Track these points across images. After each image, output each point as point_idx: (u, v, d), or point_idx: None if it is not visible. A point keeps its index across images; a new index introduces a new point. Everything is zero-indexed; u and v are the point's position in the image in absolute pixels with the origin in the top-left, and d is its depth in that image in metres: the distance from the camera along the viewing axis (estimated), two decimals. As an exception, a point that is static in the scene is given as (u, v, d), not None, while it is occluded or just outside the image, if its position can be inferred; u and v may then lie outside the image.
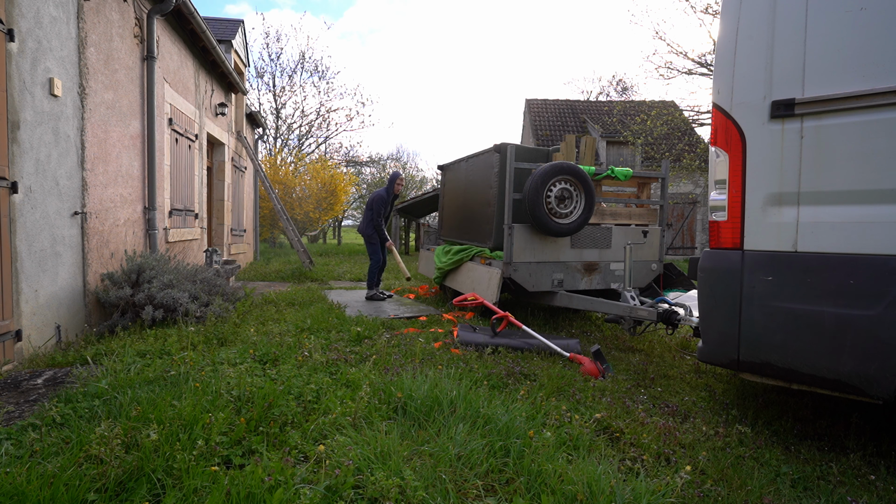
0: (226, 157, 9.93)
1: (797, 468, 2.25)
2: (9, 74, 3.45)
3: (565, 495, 1.84)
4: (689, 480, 2.03)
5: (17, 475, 1.77)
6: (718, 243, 2.52)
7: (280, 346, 3.79)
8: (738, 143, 2.44)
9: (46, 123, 3.86)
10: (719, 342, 2.53)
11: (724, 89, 2.49)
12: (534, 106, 22.92)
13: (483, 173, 5.69)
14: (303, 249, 10.26)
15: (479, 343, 4.08)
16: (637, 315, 4.04)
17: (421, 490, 1.82)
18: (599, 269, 5.16)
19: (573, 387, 3.16)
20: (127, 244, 5.24)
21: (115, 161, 4.99)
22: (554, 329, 5.07)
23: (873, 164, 2.12)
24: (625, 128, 17.70)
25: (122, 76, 5.12)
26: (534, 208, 4.65)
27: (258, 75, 24.91)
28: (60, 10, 4.04)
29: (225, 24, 11.65)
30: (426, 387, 2.70)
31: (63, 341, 4.06)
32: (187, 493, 1.79)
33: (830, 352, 2.17)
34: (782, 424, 2.73)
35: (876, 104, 2.10)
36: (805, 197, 2.27)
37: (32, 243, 3.70)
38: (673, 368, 3.83)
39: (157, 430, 2.11)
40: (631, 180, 5.37)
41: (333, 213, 21.19)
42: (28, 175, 3.64)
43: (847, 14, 2.18)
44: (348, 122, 29.32)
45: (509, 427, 2.32)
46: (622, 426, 2.55)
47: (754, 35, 2.41)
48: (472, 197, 6.02)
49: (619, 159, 19.57)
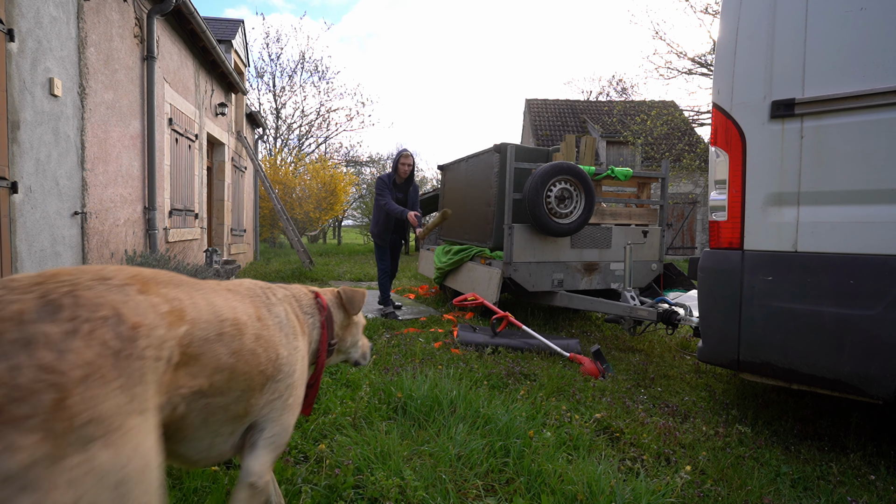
0: (226, 157, 9.93)
1: (797, 468, 2.25)
2: (9, 74, 3.45)
3: (565, 495, 1.84)
4: (689, 480, 2.03)
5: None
6: (718, 243, 2.52)
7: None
8: (738, 143, 2.43)
9: (46, 123, 3.86)
10: (719, 342, 2.53)
11: (724, 89, 2.49)
12: (534, 106, 22.92)
13: (483, 173, 5.69)
14: (303, 249, 10.26)
15: (479, 343, 4.08)
16: (637, 315, 4.04)
17: (421, 490, 1.82)
18: (599, 269, 5.16)
19: (573, 387, 3.16)
20: (127, 244, 5.24)
21: (115, 161, 4.99)
22: (554, 329, 5.07)
23: (873, 164, 2.11)
24: (625, 128, 17.71)
25: (122, 76, 5.12)
26: (534, 208, 4.65)
27: (258, 75, 24.93)
28: (60, 10, 4.04)
29: (225, 24, 11.65)
30: (426, 387, 2.70)
31: (63, 341, 4.06)
32: (187, 493, 1.79)
33: (830, 352, 2.17)
34: (782, 424, 2.73)
35: (876, 104, 2.10)
36: (805, 197, 2.27)
37: (32, 243, 3.70)
38: (673, 368, 3.83)
39: (157, 430, 2.10)
40: (631, 180, 5.36)
41: (333, 213, 21.20)
42: (28, 175, 3.64)
43: (847, 14, 2.18)
44: (348, 122, 29.37)
45: (509, 427, 2.33)
46: (622, 426, 2.55)
47: (754, 35, 2.41)
48: (472, 197, 6.01)
49: (619, 159, 19.57)
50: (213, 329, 1.07)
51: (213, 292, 1.17)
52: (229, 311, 1.15)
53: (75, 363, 0.72)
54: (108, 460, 0.72)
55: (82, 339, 0.75)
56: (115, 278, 0.91)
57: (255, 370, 1.17)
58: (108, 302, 0.83)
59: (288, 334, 1.31)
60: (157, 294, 0.97)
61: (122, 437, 0.76)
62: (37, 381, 0.68)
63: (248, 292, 1.31)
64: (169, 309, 0.96)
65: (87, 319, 0.78)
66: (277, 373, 1.24)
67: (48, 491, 0.65)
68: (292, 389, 1.29)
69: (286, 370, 1.27)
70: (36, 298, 0.77)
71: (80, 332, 0.75)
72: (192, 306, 1.05)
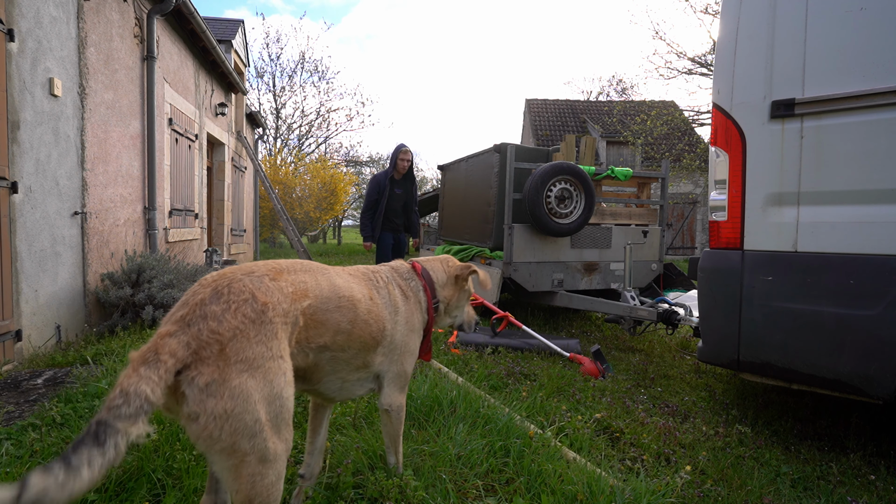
0: (226, 157, 9.93)
1: (797, 468, 2.25)
2: (9, 74, 3.44)
3: (565, 495, 1.84)
4: (689, 480, 2.03)
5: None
6: (718, 243, 2.52)
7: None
8: (738, 143, 2.43)
9: (46, 123, 3.86)
10: (719, 342, 2.53)
11: (724, 89, 2.49)
12: (534, 106, 22.92)
13: (483, 173, 5.69)
14: (303, 249, 10.26)
15: (479, 343, 4.08)
16: (637, 315, 4.04)
17: (421, 490, 1.82)
18: (599, 269, 5.16)
19: (573, 387, 3.16)
20: (127, 244, 5.24)
21: (115, 161, 4.99)
22: (554, 329, 5.07)
23: (873, 164, 2.11)
24: (625, 128, 17.70)
25: (122, 76, 5.12)
26: (534, 208, 4.65)
27: (258, 75, 24.91)
28: (60, 10, 4.04)
29: (225, 24, 11.65)
30: (426, 387, 2.70)
31: (63, 341, 4.06)
32: (187, 493, 1.79)
33: (830, 352, 2.17)
34: (782, 424, 2.73)
35: (876, 104, 2.10)
36: (805, 197, 2.27)
37: (32, 243, 3.70)
38: (673, 368, 3.83)
39: (157, 430, 2.11)
40: (631, 180, 5.37)
41: (333, 213, 21.20)
42: (28, 175, 3.64)
43: (847, 14, 2.18)
44: (348, 121, 29.39)
45: (509, 427, 2.33)
46: (622, 426, 2.55)
47: (754, 35, 2.41)
48: (472, 197, 6.01)
49: (619, 159, 19.57)
50: (332, 303, 1.52)
51: (336, 276, 1.61)
52: (347, 290, 1.58)
53: (228, 327, 1.20)
54: (252, 385, 1.19)
55: (232, 313, 1.23)
56: (257, 272, 1.37)
57: (368, 336, 1.62)
58: (248, 288, 1.29)
59: (391, 311, 1.74)
60: (285, 280, 1.40)
61: (262, 372, 1.21)
62: (209, 338, 1.17)
63: (363, 276, 1.74)
64: (294, 290, 1.40)
65: (235, 301, 1.25)
66: (384, 339, 1.70)
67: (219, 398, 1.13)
68: (401, 349, 1.77)
69: (391, 337, 1.72)
70: (211, 290, 1.26)
71: (230, 309, 1.23)
72: (316, 286, 1.49)
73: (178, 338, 1.16)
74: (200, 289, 1.28)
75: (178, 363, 1.13)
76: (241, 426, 1.17)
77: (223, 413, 1.14)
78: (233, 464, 1.18)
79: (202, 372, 1.14)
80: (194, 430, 1.14)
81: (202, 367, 1.14)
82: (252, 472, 1.20)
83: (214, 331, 1.18)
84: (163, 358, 1.11)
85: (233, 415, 1.15)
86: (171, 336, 1.16)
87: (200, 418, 1.12)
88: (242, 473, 1.19)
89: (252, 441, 1.19)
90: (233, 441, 1.16)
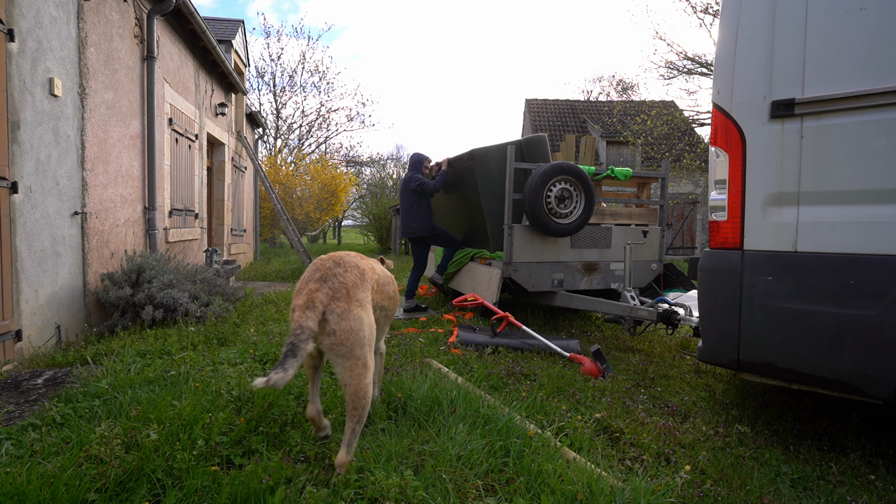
0: (226, 157, 9.93)
1: (797, 468, 2.25)
2: (9, 74, 3.45)
3: (565, 495, 1.85)
4: (688, 480, 2.03)
5: (18, 475, 1.77)
6: (718, 243, 2.52)
7: (280, 346, 3.78)
8: (738, 143, 2.43)
9: (46, 123, 3.86)
10: (719, 342, 2.53)
11: (724, 89, 2.49)
12: (534, 106, 22.92)
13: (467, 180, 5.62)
14: (303, 249, 10.26)
15: (479, 343, 4.08)
16: (637, 315, 4.04)
17: (421, 490, 1.83)
18: (599, 269, 5.16)
19: (573, 387, 3.16)
20: (127, 244, 5.24)
21: (115, 161, 4.99)
22: (554, 329, 5.07)
23: (873, 164, 2.11)
24: (625, 128, 17.70)
25: (122, 76, 5.12)
26: (534, 208, 4.65)
27: (258, 75, 24.91)
28: (60, 10, 4.04)
29: (225, 24, 11.65)
30: (426, 387, 2.70)
31: (63, 341, 4.06)
32: (188, 493, 1.79)
33: (830, 352, 2.17)
34: (782, 424, 2.73)
35: (876, 104, 2.10)
36: (805, 197, 2.27)
37: (32, 243, 3.70)
38: (673, 368, 3.83)
39: (158, 430, 2.11)
40: (631, 180, 5.36)
41: (334, 213, 21.19)
42: (28, 175, 3.65)
43: (847, 14, 2.18)
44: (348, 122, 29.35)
45: (509, 427, 2.33)
46: (622, 426, 2.55)
47: (754, 35, 2.41)
48: (463, 203, 5.96)
49: (619, 159, 19.57)
50: (385, 279, 2.44)
51: (377, 264, 2.46)
52: (387, 272, 2.55)
53: (349, 280, 2.00)
54: (363, 315, 1.98)
55: (350, 273, 2.03)
56: (353, 254, 2.20)
57: (394, 304, 2.50)
58: (353, 261, 2.11)
59: None
60: (365, 261, 2.24)
61: (366, 309, 2.03)
62: (340, 286, 1.97)
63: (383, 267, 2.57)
64: (371, 267, 2.25)
65: (349, 267, 2.06)
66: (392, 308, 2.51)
67: (347, 320, 1.90)
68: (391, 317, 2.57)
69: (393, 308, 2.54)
70: (332, 262, 2.06)
71: (348, 271, 2.03)
72: (378, 268, 2.41)
73: (322, 290, 1.92)
74: (323, 263, 2.06)
75: (324, 306, 1.88)
76: (358, 339, 1.90)
77: (349, 329, 1.89)
78: (350, 364, 1.89)
79: (339, 305, 1.91)
80: (331, 341, 1.87)
81: (338, 303, 1.91)
82: (360, 373, 1.90)
83: (343, 282, 1.97)
84: (316, 304, 1.87)
85: (354, 330, 1.90)
86: (318, 290, 1.92)
87: (337, 333, 1.87)
88: (354, 373, 1.89)
89: (362, 349, 1.91)
90: (352, 348, 1.88)
